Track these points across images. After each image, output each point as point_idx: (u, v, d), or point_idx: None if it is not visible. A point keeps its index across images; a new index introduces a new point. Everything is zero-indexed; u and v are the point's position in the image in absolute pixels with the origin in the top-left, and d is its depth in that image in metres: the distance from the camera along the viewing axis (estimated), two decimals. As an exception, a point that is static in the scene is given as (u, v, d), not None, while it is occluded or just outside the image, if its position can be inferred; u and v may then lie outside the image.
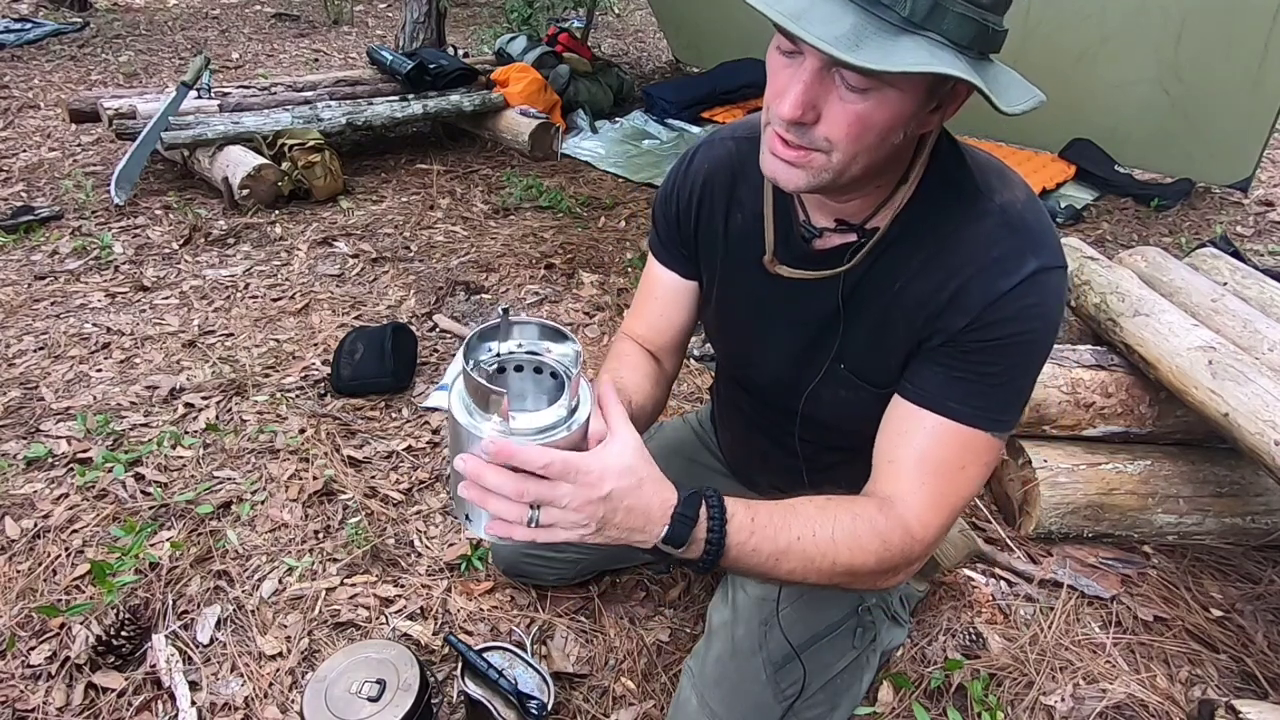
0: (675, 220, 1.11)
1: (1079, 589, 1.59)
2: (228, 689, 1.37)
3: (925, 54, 0.68)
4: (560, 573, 1.51)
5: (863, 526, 0.86)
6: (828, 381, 1.01)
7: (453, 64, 4.07)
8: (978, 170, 0.90)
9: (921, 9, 0.69)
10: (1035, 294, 0.85)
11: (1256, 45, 3.41)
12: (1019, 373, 0.89)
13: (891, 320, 0.93)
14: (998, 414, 0.89)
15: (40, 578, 1.56)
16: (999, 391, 0.88)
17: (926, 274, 0.89)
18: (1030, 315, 0.86)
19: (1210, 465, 1.70)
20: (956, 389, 0.88)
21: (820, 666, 1.17)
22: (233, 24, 6.85)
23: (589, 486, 0.73)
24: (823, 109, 0.76)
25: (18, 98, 4.62)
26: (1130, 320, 1.68)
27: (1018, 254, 0.85)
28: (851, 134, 0.77)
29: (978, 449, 0.88)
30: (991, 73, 0.74)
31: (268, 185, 3.26)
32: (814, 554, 0.84)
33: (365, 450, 1.96)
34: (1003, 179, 0.91)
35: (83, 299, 2.59)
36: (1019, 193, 0.90)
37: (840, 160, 0.79)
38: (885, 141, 0.79)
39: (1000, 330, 0.86)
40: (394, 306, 2.63)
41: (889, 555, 0.86)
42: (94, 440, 1.94)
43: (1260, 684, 1.42)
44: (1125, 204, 3.76)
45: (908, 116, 0.77)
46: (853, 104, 0.75)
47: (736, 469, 1.38)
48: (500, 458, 0.70)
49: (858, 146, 0.78)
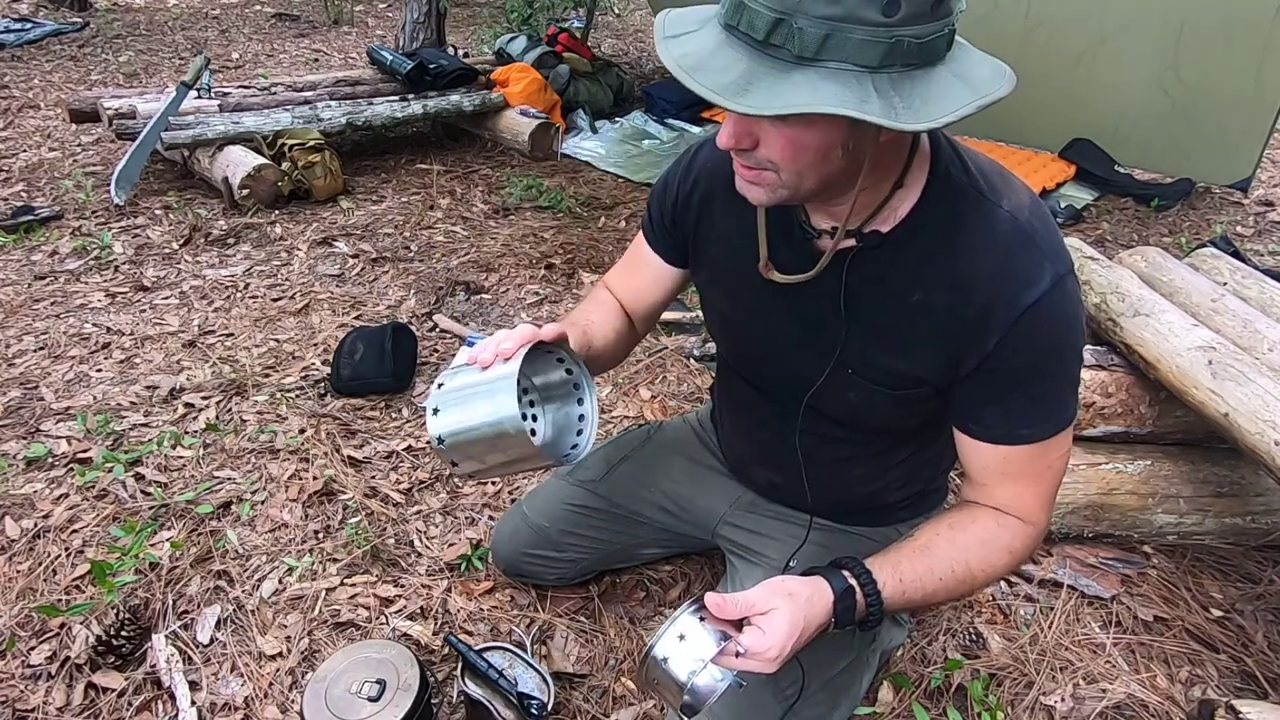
0: (671, 210, 1.13)
1: (1079, 589, 1.59)
2: (228, 689, 1.37)
3: (807, 91, 0.69)
4: (560, 572, 1.51)
5: (991, 548, 0.99)
6: (833, 383, 1.03)
7: (453, 64, 4.08)
8: (981, 174, 0.91)
9: (811, 44, 0.69)
10: (1059, 303, 0.88)
11: (1256, 45, 3.40)
12: (1064, 380, 0.95)
13: (913, 329, 0.94)
14: (1059, 418, 0.95)
15: (40, 578, 1.57)
16: (1053, 404, 0.95)
17: (946, 285, 0.91)
18: (1059, 325, 0.90)
19: (1210, 465, 1.70)
20: (1019, 419, 0.94)
21: (819, 667, 1.17)
22: (233, 24, 6.85)
23: (771, 662, 0.87)
24: (759, 135, 0.80)
25: (18, 98, 4.62)
26: (1130, 320, 1.68)
27: (1037, 265, 0.88)
28: (787, 156, 0.80)
29: (1058, 445, 0.97)
30: (911, 85, 0.72)
31: (268, 185, 3.26)
32: (956, 587, 0.99)
33: (365, 450, 1.96)
34: (1006, 182, 0.92)
35: (83, 299, 2.59)
36: (1023, 196, 0.91)
37: (789, 178, 0.82)
38: (826, 160, 0.80)
39: (1035, 344, 0.90)
40: (394, 306, 2.63)
41: (1018, 556, 1.00)
42: (94, 440, 1.94)
43: (1260, 684, 1.42)
44: (1125, 204, 3.76)
45: (839, 137, 0.79)
46: (781, 130, 0.78)
47: (734, 464, 1.38)
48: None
49: (798, 165, 0.81)
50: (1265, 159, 3.91)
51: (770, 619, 0.87)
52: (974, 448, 0.99)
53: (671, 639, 0.88)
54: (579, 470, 1.47)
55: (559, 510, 1.45)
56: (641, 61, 6.22)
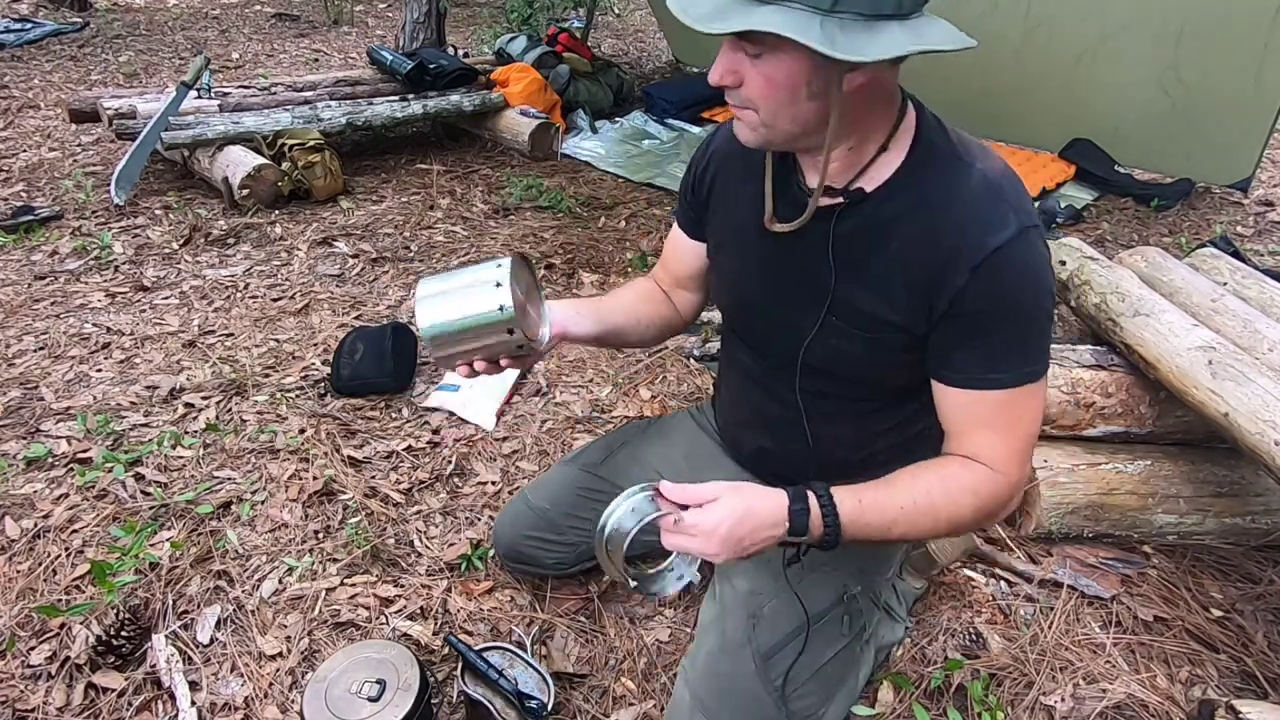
0: (691, 188, 1.27)
1: (1079, 589, 1.59)
2: (228, 689, 1.37)
3: (759, 19, 0.83)
4: (559, 557, 1.50)
5: (953, 484, 1.03)
6: (824, 331, 1.11)
7: (453, 64, 4.07)
8: (960, 142, 1.01)
9: None
10: (1024, 251, 0.95)
11: (1256, 45, 3.40)
12: (1032, 329, 0.99)
13: (891, 276, 1.02)
14: (1026, 368, 1.00)
15: (40, 578, 1.57)
16: (1020, 351, 0.99)
17: (921, 234, 0.99)
18: (1024, 272, 0.96)
19: (1210, 465, 1.70)
20: (987, 364, 1.00)
21: (810, 655, 1.19)
22: (233, 24, 6.86)
23: (707, 538, 0.97)
24: (743, 74, 0.93)
25: (18, 98, 4.63)
26: (1130, 320, 1.68)
27: (1003, 214, 0.95)
28: (761, 91, 0.93)
29: (1026, 398, 1.01)
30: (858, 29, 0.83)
31: (268, 185, 3.26)
32: (917, 517, 1.02)
33: (365, 450, 1.96)
34: (983, 150, 1.02)
35: (83, 299, 2.59)
36: (996, 163, 1.00)
37: (766, 116, 0.95)
38: (796, 97, 0.92)
39: (1001, 288, 0.96)
40: (394, 306, 2.63)
41: (983, 501, 1.03)
42: (94, 440, 1.94)
43: (1260, 684, 1.42)
44: (1125, 204, 3.76)
45: (805, 73, 0.90)
46: (757, 67, 0.91)
47: (725, 430, 1.42)
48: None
49: (772, 103, 0.93)
50: (1265, 159, 3.91)
51: (714, 503, 0.98)
52: (946, 396, 1.04)
53: (624, 510, 0.99)
54: (582, 455, 1.53)
55: (561, 493, 1.48)
56: (641, 61, 6.23)
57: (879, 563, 1.31)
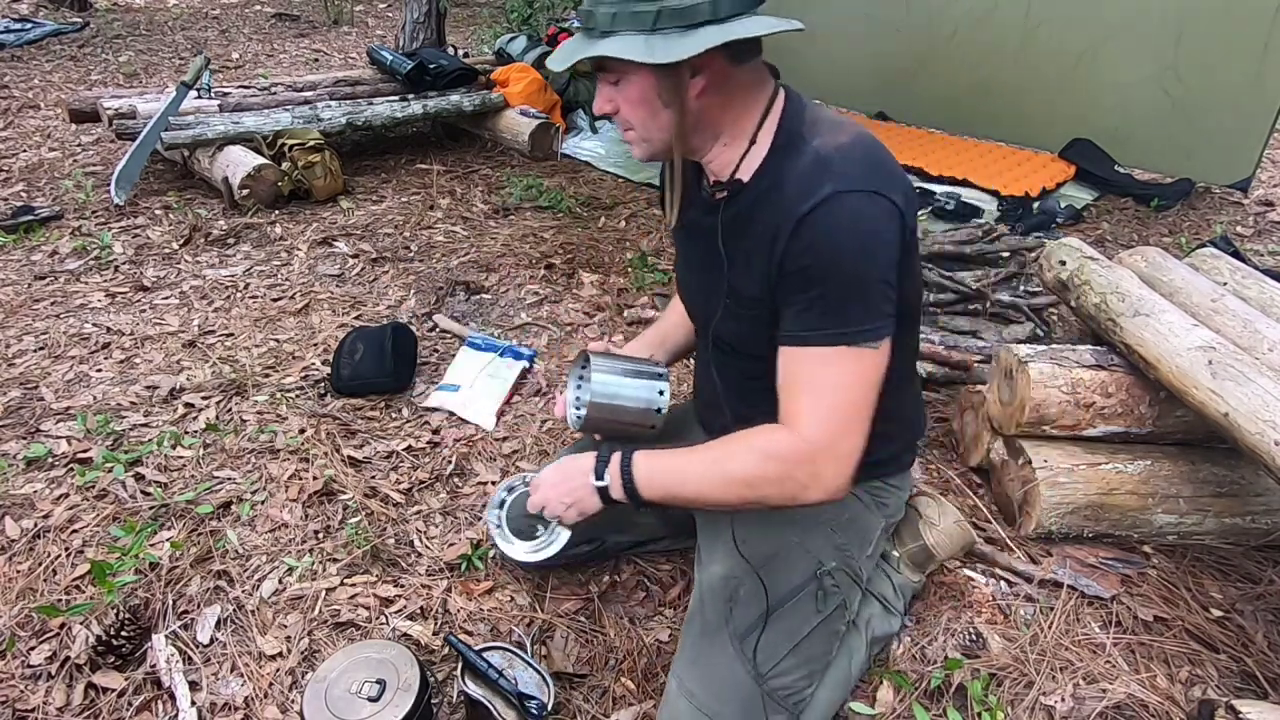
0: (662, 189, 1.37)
1: (1079, 589, 1.59)
2: (228, 689, 1.37)
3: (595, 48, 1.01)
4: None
5: (742, 444, 1.11)
6: (724, 314, 1.20)
7: (453, 64, 4.08)
8: (811, 125, 1.09)
9: (604, 22, 1.02)
10: (834, 212, 1.01)
11: (1256, 45, 3.41)
12: (846, 291, 1.03)
13: (753, 257, 1.11)
14: (840, 328, 1.04)
15: (40, 578, 1.57)
16: (832, 312, 1.04)
17: (769, 214, 1.07)
18: (833, 232, 1.01)
19: (1210, 465, 1.70)
20: (802, 320, 1.06)
21: (785, 634, 1.21)
22: (233, 24, 6.86)
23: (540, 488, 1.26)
24: (617, 102, 1.10)
25: (18, 98, 4.63)
26: (1130, 320, 1.68)
27: (817, 183, 1.02)
28: (629, 111, 1.09)
29: (838, 361, 1.05)
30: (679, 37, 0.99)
31: (268, 185, 3.26)
32: (704, 470, 1.13)
33: (365, 450, 1.96)
34: (834, 129, 1.08)
35: (83, 299, 2.59)
36: (843, 137, 1.07)
37: (641, 131, 1.11)
38: (655, 109, 1.07)
39: (810, 249, 1.02)
40: (394, 306, 2.63)
41: (781, 464, 1.08)
42: (94, 440, 1.94)
43: (1260, 684, 1.42)
44: (1125, 204, 3.76)
45: (653, 86, 1.05)
46: (621, 92, 1.08)
47: (697, 414, 1.50)
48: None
49: (639, 119, 1.09)
50: (1265, 159, 3.91)
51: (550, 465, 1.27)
52: (776, 357, 1.10)
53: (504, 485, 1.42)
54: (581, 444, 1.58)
55: None
56: (641, 61, 6.22)
57: (853, 538, 1.31)
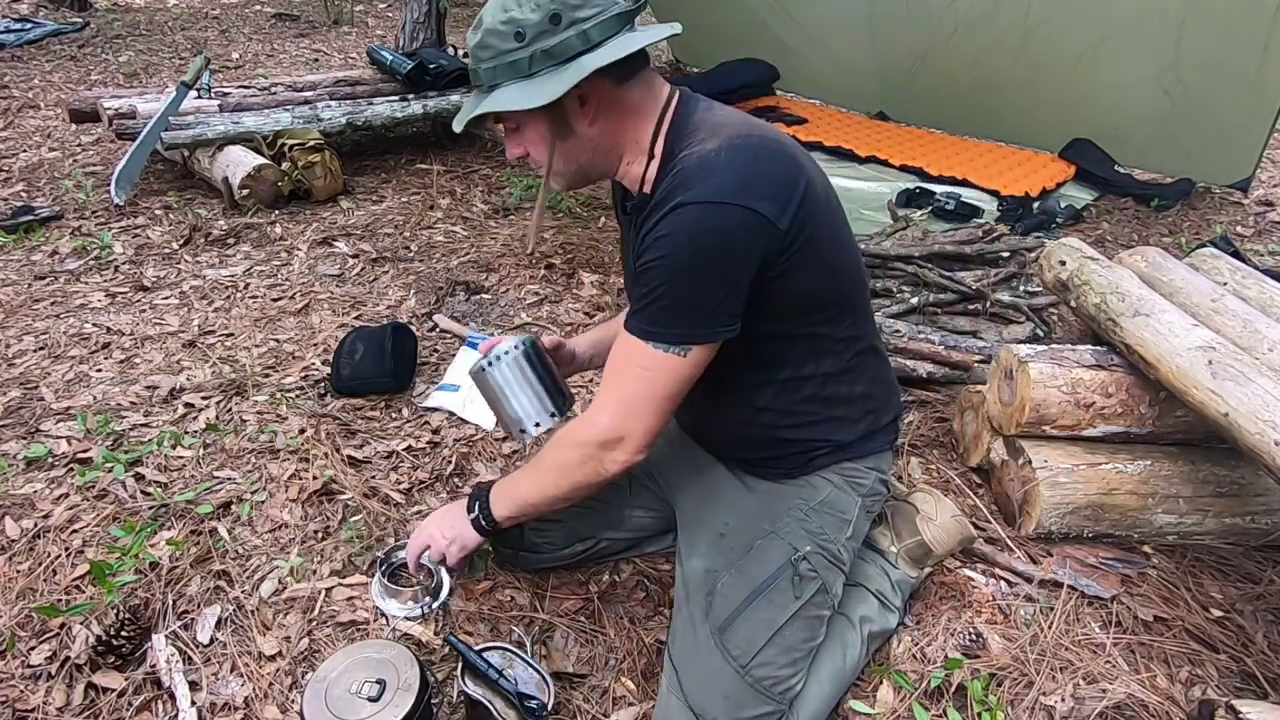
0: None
1: (1079, 589, 1.59)
2: (228, 689, 1.37)
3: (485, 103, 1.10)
4: (551, 539, 1.53)
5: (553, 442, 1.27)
6: None
7: (453, 64, 4.07)
8: (691, 132, 1.14)
9: (486, 77, 1.10)
10: (670, 224, 1.07)
11: (1256, 45, 3.41)
12: (665, 295, 1.10)
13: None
14: (649, 325, 1.12)
15: (40, 578, 1.56)
16: (650, 308, 1.11)
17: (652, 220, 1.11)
18: (663, 242, 1.07)
19: (1210, 465, 1.70)
20: (631, 312, 1.15)
21: (763, 623, 1.23)
22: (233, 24, 6.86)
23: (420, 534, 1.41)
24: (525, 145, 1.19)
25: (18, 98, 4.63)
26: (1130, 320, 1.68)
27: (672, 194, 1.08)
28: (535, 151, 1.18)
29: (636, 352, 1.14)
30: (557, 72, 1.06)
31: (268, 185, 3.26)
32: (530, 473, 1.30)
33: (365, 450, 1.96)
34: (711, 134, 1.11)
35: (83, 299, 2.59)
36: (710, 145, 1.10)
37: (553, 166, 1.18)
38: (556, 147, 1.15)
39: (645, 255, 1.10)
40: (394, 306, 2.63)
41: (580, 449, 1.21)
42: (94, 440, 1.94)
43: (1260, 684, 1.42)
44: (1125, 204, 3.76)
45: (544, 125, 1.14)
46: (524, 136, 1.17)
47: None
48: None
49: (543, 155, 1.17)
50: (1265, 159, 3.92)
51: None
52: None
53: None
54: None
55: None
56: (641, 61, 6.22)
57: (828, 521, 1.32)
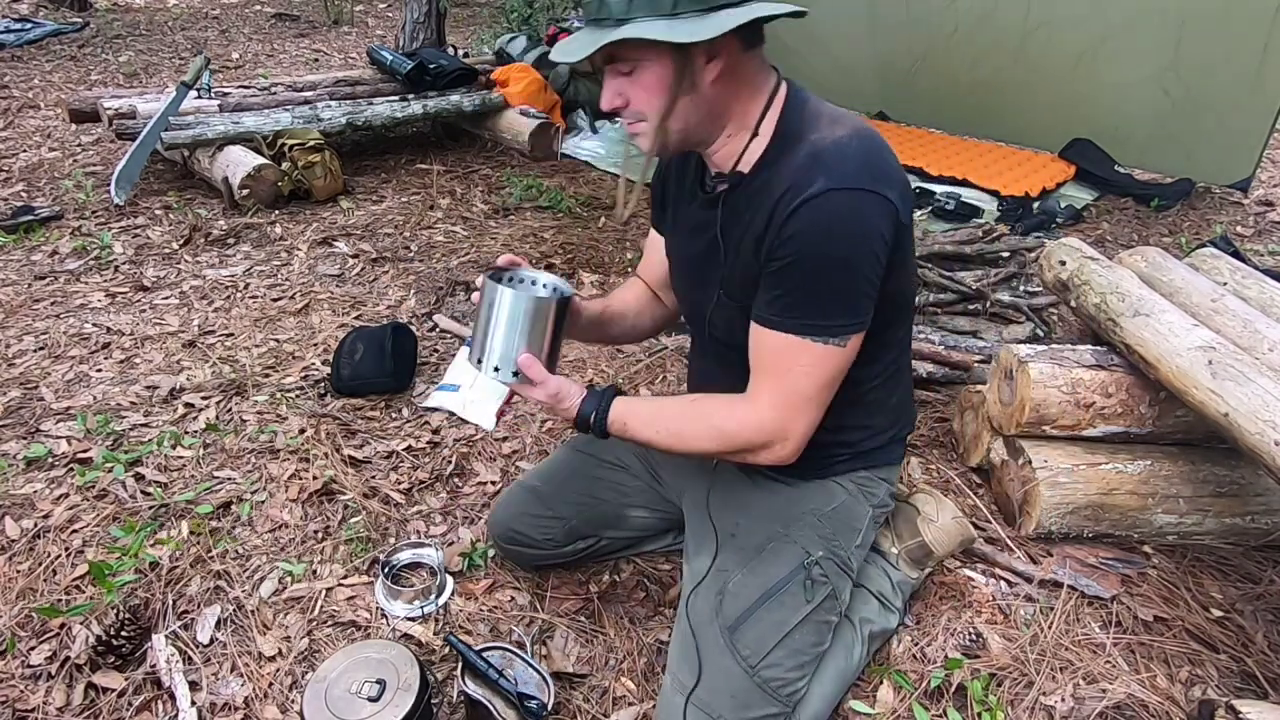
0: (657, 188, 1.40)
1: (1079, 589, 1.59)
2: (228, 689, 1.37)
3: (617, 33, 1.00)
4: (549, 533, 1.51)
5: (710, 405, 1.20)
6: (717, 305, 1.23)
7: (453, 64, 4.08)
8: (811, 118, 1.10)
9: (619, 9, 1.00)
10: (816, 211, 1.02)
11: (1256, 45, 3.41)
12: (823, 284, 1.06)
13: (745, 248, 1.13)
14: (808, 320, 1.07)
15: (40, 578, 1.57)
16: (807, 303, 1.07)
17: (763, 207, 1.08)
18: (819, 227, 1.03)
19: (1210, 465, 1.70)
20: (775, 306, 1.09)
21: (774, 625, 1.22)
22: (233, 24, 6.86)
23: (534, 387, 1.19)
24: (627, 94, 1.08)
25: (18, 98, 4.63)
26: (1130, 320, 1.68)
27: (810, 178, 1.03)
28: (643, 101, 1.07)
29: (798, 351, 1.09)
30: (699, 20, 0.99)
31: (268, 185, 3.26)
32: (672, 416, 1.20)
33: (365, 450, 1.96)
34: (834, 123, 1.09)
35: (83, 299, 2.59)
36: (840, 132, 1.07)
37: (654, 121, 1.08)
38: (670, 99, 1.05)
39: (790, 245, 1.04)
40: (394, 306, 2.63)
41: (734, 441, 1.15)
42: (94, 440, 1.94)
43: (1260, 684, 1.42)
44: (1125, 204, 3.76)
45: (671, 73, 1.04)
46: (635, 82, 1.06)
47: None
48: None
49: (653, 107, 1.07)
50: (1265, 159, 3.92)
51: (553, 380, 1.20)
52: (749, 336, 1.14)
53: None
54: (575, 439, 1.61)
55: (553, 471, 1.57)
56: (641, 61, 6.22)
57: (840, 528, 1.31)
